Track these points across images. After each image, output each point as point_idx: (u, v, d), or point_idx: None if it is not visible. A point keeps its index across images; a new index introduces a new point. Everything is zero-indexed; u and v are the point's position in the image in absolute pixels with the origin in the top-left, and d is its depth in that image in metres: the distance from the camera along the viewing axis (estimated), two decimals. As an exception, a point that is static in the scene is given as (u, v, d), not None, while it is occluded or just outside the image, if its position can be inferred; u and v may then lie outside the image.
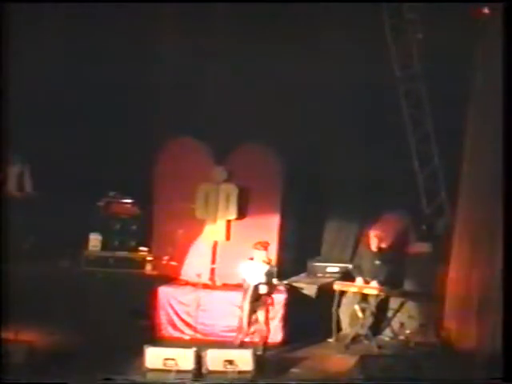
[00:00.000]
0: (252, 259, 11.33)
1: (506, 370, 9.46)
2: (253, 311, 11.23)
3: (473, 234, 11.83)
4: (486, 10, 11.38)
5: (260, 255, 11.28)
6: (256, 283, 11.15)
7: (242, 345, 11.21)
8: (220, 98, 12.84)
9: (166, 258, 12.43)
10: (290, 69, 12.75)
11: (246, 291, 11.25)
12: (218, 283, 12.57)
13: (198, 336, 11.84)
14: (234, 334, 11.69)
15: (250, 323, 11.29)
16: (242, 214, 13.03)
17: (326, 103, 12.89)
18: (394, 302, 12.19)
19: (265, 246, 11.38)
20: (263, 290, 11.16)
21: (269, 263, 11.36)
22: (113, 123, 13.04)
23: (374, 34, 12.75)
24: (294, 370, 10.79)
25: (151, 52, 12.88)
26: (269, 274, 11.27)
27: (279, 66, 12.83)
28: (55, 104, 13.03)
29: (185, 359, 10.23)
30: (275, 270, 11.57)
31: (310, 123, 12.92)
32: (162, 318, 12.05)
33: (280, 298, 12.08)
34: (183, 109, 12.93)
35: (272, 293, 11.36)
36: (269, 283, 11.22)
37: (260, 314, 11.30)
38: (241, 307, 11.36)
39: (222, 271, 12.79)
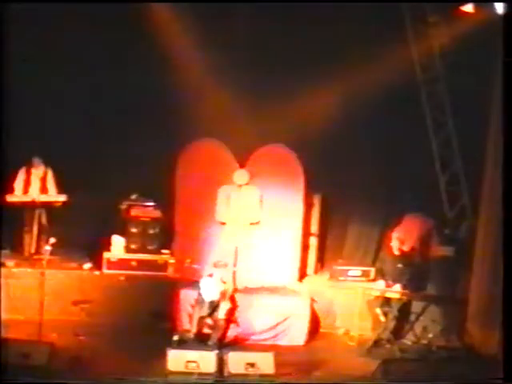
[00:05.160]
0: (211, 276, 11.68)
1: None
2: (201, 319, 11.52)
3: (496, 237, 11.77)
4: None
5: (219, 274, 11.67)
6: (210, 299, 11.50)
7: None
8: (242, 99, 12.81)
9: (187, 260, 12.43)
10: (311, 69, 12.74)
11: (199, 302, 11.56)
12: (240, 286, 12.56)
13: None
14: (255, 337, 11.83)
15: (199, 326, 11.50)
16: (263, 216, 13.02)
17: (348, 105, 12.84)
18: (416, 306, 12.11)
19: (224, 265, 11.89)
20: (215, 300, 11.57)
21: (224, 283, 11.72)
22: (135, 125, 13.06)
23: (396, 36, 12.71)
24: (315, 373, 10.77)
25: (172, 52, 12.86)
26: (223, 293, 11.63)
27: (301, 66, 12.82)
28: (76, 105, 13.08)
29: (207, 362, 10.25)
30: (229, 290, 11.82)
31: (332, 125, 12.87)
32: (184, 320, 12.05)
33: (302, 301, 12.11)
34: (205, 110, 12.92)
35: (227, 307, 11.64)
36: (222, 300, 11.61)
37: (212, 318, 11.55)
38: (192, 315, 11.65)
39: (243, 274, 12.78)
